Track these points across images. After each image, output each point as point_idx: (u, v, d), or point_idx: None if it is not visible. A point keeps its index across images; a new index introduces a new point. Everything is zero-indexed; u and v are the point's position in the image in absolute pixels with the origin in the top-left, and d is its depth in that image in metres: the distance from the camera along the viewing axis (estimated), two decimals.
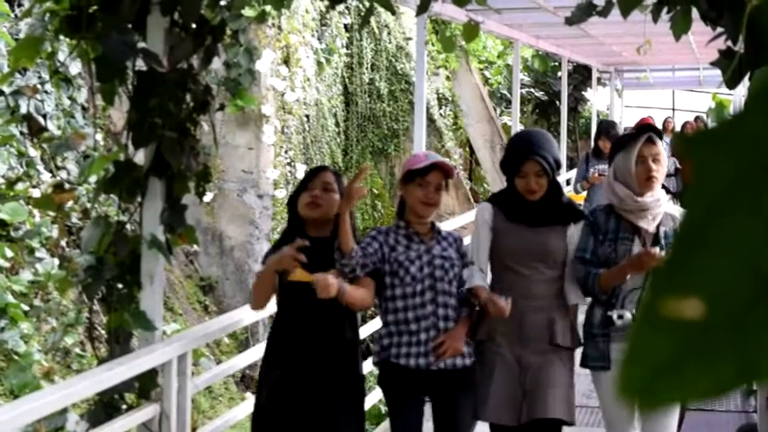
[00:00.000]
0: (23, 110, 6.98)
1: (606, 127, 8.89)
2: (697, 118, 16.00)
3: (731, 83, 2.76)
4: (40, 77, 7.18)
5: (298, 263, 3.49)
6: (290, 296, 3.65)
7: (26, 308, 6.60)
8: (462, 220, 8.61)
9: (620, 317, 3.74)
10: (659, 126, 15.74)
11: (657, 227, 3.79)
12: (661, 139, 3.87)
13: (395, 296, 3.74)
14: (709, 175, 0.35)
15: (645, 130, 3.87)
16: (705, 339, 0.35)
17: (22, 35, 6.18)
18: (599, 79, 17.11)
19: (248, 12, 4.05)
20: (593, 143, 9.53)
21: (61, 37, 3.46)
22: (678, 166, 12.95)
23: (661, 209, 3.80)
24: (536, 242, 3.77)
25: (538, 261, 3.75)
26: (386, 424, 4.97)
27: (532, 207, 3.75)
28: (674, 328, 0.35)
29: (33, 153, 7.20)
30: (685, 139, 0.37)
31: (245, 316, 4.21)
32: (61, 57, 5.66)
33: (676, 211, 3.91)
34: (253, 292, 3.82)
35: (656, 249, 3.66)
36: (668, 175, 12.80)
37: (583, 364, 3.86)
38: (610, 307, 3.75)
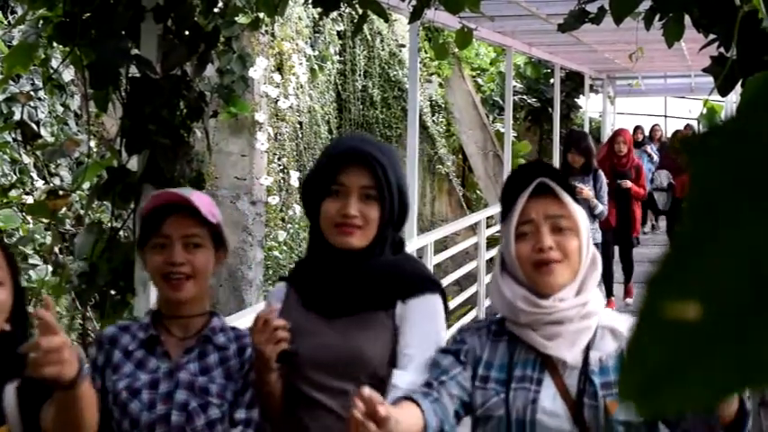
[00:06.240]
0: (17, 117, 6.97)
1: (576, 138, 7.39)
2: (687, 126, 16.02)
3: (724, 89, 2.77)
4: (33, 84, 7.18)
5: None
6: None
7: None
8: (456, 226, 8.62)
9: None
10: (647, 134, 15.66)
11: (586, 353, 1.99)
12: (568, 193, 2.08)
13: None
14: (707, 178, 0.35)
15: (533, 169, 2.09)
16: (705, 343, 0.35)
17: (15, 42, 6.18)
18: (591, 86, 17.16)
19: (242, 19, 4.06)
20: (561, 158, 8.00)
21: (54, 44, 3.46)
22: (671, 180, 12.67)
23: (590, 321, 2.02)
24: (341, 346, 2.12)
25: (348, 380, 2.09)
26: None
27: (337, 284, 2.14)
28: (673, 332, 0.35)
29: (27, 160, 7.19)
30: (681, 142, 0.37)
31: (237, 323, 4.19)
32: (54, 64, 5.66)
33: (620, 322, 2.06)
34: None
35: None
36: (660, 190, 12.51)
37: None
38: None
